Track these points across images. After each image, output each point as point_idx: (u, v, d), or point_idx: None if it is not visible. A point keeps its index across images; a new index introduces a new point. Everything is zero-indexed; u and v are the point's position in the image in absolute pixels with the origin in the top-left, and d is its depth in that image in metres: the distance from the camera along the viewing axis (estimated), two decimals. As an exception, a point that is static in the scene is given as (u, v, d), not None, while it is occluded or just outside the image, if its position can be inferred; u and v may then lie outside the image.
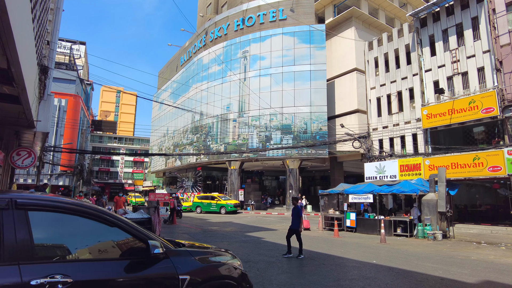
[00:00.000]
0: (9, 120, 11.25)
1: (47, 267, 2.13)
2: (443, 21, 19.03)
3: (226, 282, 3.09)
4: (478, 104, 16.37)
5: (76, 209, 2.45)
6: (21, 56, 6.39)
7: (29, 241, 2.13)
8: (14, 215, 2.14)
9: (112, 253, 2.66)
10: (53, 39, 12.63)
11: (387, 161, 19.88)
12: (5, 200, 2.18)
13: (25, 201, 2.24)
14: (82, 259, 2.42)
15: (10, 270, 1.97)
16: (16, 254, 2.04)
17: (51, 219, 2.40)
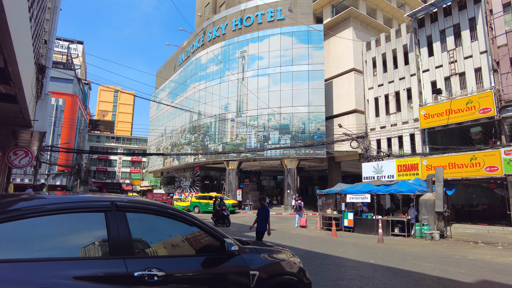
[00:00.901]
0: (6, 119, 11.19)
1: (145, 261, 2.43)
2: (441, 21, 19.09)
3: (288, 278, 3.30)
4: (475, 104, 16.43)
5: (162, 211, 2.74)
6: (18, 55, 6.36)
7: (129, 238, 2.41)
8: (116, 216, 2.42)
9: (191, 250, 2.89)
10: (50, 38, 12.57)
11: (384, 161, 19.93)
12: (108, 203, 2.46)
13: (123, 204, 2.54)
14: (170, 255, 2.72)
15: (118, 263, 2.26)
16: (120, 249, 2.33)
17: (143, 220, 2.68)
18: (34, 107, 11.47)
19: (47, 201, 2.41)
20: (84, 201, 2.52)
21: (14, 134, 13.40)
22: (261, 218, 8.23)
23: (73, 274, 2.07)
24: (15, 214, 2.12)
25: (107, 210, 2.42)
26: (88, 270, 2.16)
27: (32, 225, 2.16)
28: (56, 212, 2.26)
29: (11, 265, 1.95)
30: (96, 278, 2.14)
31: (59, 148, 29.99)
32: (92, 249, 2.38)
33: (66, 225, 2.34)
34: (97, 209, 2.44)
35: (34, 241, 2.18)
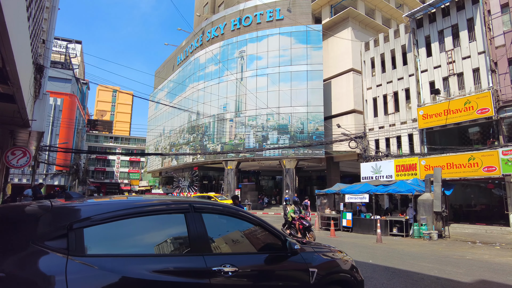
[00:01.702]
0: (4, 119, 11.15)
1: (220, 257, 2.65)
2: (439, 22, 19.14)
3: (343, 275, 3.47)
4: (473, 104, 16.49)
5: (231, 212, 3.00)
6: (16, 55, 6.33)
7: (206, 237, 2.67)
8: (194, 217, 2.67)
9: (255, 247, 3.08)
10: (48, 37, 12.53)
11: (383, 161, 19.97)
12: (187, 205, 2.73)
13: (199, 205, 2.79)
14: (239, 252, 2.95)
15: (198, 259, 2.50)
16: (199, 247, 2.57)
17: (215, 220, 2.94)
18: (32, 106, 11.42)
19: (141, 203, 2.69)
20: (168, 204, 2.80)
21: (11, 134, 13.34)
22: None
23: (162, 268, 2.33)
24: (117, 215, 2.38)
25: (186, 211, 2.68)
26: (174, 264, 2.44)
27: (128, 224, 2.45)
28: (148, 214, 2.55)
29: (116, 259, 2.21)
30: (181, 272, 2.41)
31: (57, 148, 29.90)
32: (175, 246, 2.68)
33: (155, 225, 2.64)
34: (178, 211, 2.70)
35: (129, 239, 2.50)
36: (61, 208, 2.37)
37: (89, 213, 2.32)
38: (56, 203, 2.42)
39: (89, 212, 2.33)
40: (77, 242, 2.12)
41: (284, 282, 2.97)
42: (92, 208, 2.46)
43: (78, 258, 2.05)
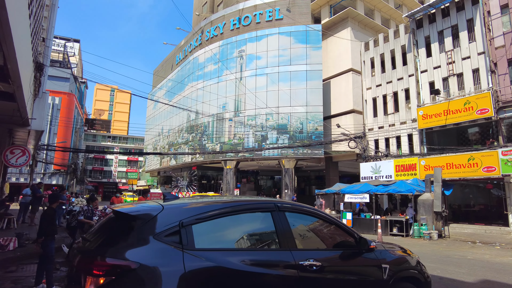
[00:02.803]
0: (3, 118, 11.07)
1: (304, 253, 2.86)
2: (439, 22, 19.19)
3: (412, 272, 3.59)
4: (473, 105, 16.54)
5: (308, 211, 3.24)
6: (18, 53, 6.28)
7: (291, 233, 2.89)
8: (279, 215, 2.90)
9: (330, 244, 3.26)
10: (48, 36, 12.46)
11: (382, 161, 20.00)
12: (272, 204, 2.96)
13: (282, 205, 3.02)
14: (319, 249, 3.17)
15: (287, 254, 2.74)
16: (287, 242, 2.81)
17: (296, 218, 3.14)
18: (31, 105, 11.35)
19: (235, 203, 2.93)
20: (256, 203, 3.10)
21: (10, 133, 13.25)
22: None
23: (257, 261, 2.59)
24: (217, 213, 2.68)
25: (272, 210, 2.91)
26: (266, 258, 2.68)
27: (225, 222, 2.73)
28: (241, 212, 2.84)
29: (218, 253, 2.48)
30: (272, 265, 2.64)
31: (55, 147, 29.77)
32: (265, 241, 2.92)
33: (247, 222, 2.93)
34: (266, 210, 2.95)
35: (226, 234, 2.77)
36: (171, 208, 2.65)
37: (195, 212, 2.60)
38: (166, 204, 2.70)
39: (195, 211, 2.61)
40: (188, 238, 2.42)
41: (360, 277, 3.16)
42: (196, 208, 2.72)
43: (190, 251, 2.36)
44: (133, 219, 2.46)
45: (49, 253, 5.29)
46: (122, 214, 2.61)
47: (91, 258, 2.27)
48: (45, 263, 5.23)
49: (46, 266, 5.21)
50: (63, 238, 9.88)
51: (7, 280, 5.86)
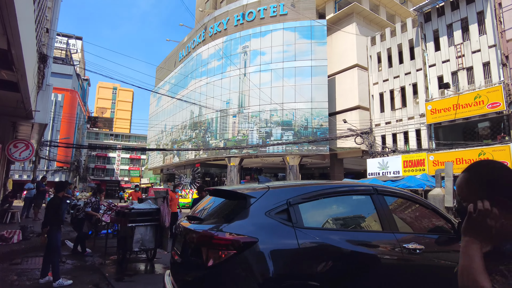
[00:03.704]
0: (6, 109, 10.85)
1: (406, 236, 2.89)
2: (448, 15, 18.83)
3: None
4: (483, 99, 16.20)
5: (406, 195, 3.27)
6: (23, 37, 6.04)
7: (391, 216, 2.93)
8: (379, 198, 2.95)
9: (426, 229, 3.29)
10: (52, 26, 12.22)
11: (390, 157, 19.70)
12: (371, 188, 3.05)
13: (381, 189, 3.09)
14: (419, 233, 3.14)
15: (390, 235, 2.79)
16: (389, 225, 2.85)
17: (393, 201, 3.19)
18: (35, 97, 11.12)
19: (335, 185, 3.03)
20: (355, 186, 3.23)
21: (14, 126, 13.04)
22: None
23: (362, 241, 2.66)
24: (318, 194, 2.77)
25: (371, 193, 2.97)
26: (371, 238, 2.76)
27: (326, 203, 2.83)
28: (341, 194, 2.94)
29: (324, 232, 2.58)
30: (378, 246, 2.70)
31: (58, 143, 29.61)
32: (367, 222, 2.99)
33: (347, 203, 3.00)
34: (365, 192, 3.02)
35: (327, 214, 2.88)
36: (276, 188, 2.77)
37: (299, 192, 2.71)
38: (270, 184, 2.82)
39: (299, 191, 2.71)
40: (297, 216, 2.53)
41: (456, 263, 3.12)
42: (299, 188, 2.82)
43: (300, 229, 2.47)
44: (244, 198, 2.61)
45: (54, 243, 5.05)
46: (233, 193, 2.83)
47: (212, 233, 2.41)
48: (51, 254, 5.00)
49: (52, 258, 4.97)
50: (68, 232, 9.66)
51: (12, 272, 5.63)
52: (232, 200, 2.78)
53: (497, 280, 0.93)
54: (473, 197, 1.09)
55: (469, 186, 1.15)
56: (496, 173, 1.12)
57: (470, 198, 1.11)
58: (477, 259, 1.01)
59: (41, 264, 5.39)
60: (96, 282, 5.21)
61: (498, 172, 1.12)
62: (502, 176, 1.10)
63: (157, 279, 5.44)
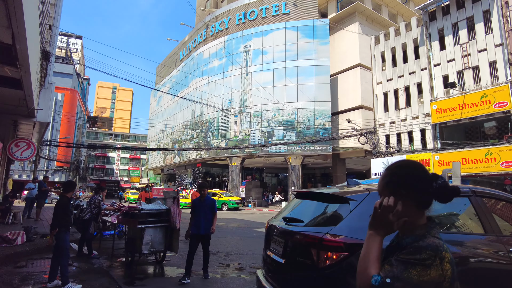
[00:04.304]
0: (8, 108, 10.62)
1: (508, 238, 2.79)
2: (453, 14, 18.67)
3: None
4: (490, 98, 16.05)
5: (505, 198, 3.14)
6: (28, 31, 5.83)
7: (493, 219, 2.82)
8: (477, 200, 2.86)
9: None
10: (55, 23, 11.99)
11: (394, 157, 19.51)
12: (468, 189, 2.95)
13: (478, 190, 3.02)
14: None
15: (493, 239, 2.71)
16: (491, 227, 2.75)
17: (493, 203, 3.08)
18: (38, 95, 10.90)
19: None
20: None
21: (15, 124, 12.80)
22: (200, 216, 5.39)
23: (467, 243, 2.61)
24: None
25: (469, 195, 2.88)
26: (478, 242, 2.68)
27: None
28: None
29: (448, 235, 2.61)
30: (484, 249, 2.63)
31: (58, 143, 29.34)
32: (468, 225, 2.89)
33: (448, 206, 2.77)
34: (464, 195, 2.89)
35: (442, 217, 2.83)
36: (376, 191, 2.63)
37: None
38: (368, 187, 2.80)
39: None
40: None
41: None
42: None
43: None
44: (346, 201, 2.62)
45: (63, 246, 4.84)
46: (334, 197, 2.85)
47: (321, 236, 2.46)
48: (59, 257, 4.78)
49: (60, 261, 4.76)
50: (72, 233, 9.43)
51: (17, 276, 5.41)
52: (331, 204, 2.85)
53: (385, 268, 1.01)
54: (386, 194, 1.15)
55: (384, 184, 1.20)
56: (405, 172, 1.18)
57: (384, 194, 1.17)
58: (374, 250, 1.08)
59: (47, 267, 5.17)
60: (106, 286, 5.00)
61: (407, 172, 1.18)
62: (410, 176, 1.16)
63: (169, 283, 5.23)
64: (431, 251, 1.00)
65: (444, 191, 1.13)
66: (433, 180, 1.15)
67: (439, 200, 1.14)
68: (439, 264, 0.99)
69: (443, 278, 0.98)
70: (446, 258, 1.00)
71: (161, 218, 5.93)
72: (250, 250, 8.18)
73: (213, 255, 7.38)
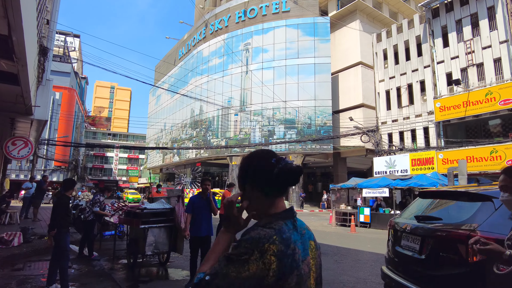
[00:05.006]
0: (5, 105, 10.30)
1: None
2: (457, 11, 18.46)
3: None
4: (495, 95, 15.84)
5: None
6: (25, 21, 5.53)
7: None
8: None
9: None
10: (52, 18, 11.67)
11: (397, 155, 19.30)
12: None
13: None
14: None
15: None
16: None
17: None
18: (35, 92, 10.58)
19: None
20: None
21: (12, 123, 12.48)
22: (201, 215, 4.79)
23: None
24: None
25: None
26: None
27: None
28: None
29: None
30: None
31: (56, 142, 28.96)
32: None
33: None
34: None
35: None
36: None
37: None
38: None
39: None
40: None
41: None
42: None
43: None
44: (489, 199, 2.71)
45: (63, 247, 4.56)
46: (476, 195, 2.91)
47: (469, 232, 2.57)
48: (58, 259, 4.51)
49: (60, 263, 4.48)
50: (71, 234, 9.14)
51: (14, 279, 5.13)
52: (466, 202, 2.96)
53: (219, 260, 0.97)
54: (240, 188, 1.14)
55: (237, 178, 1.17)
56: (246, 163, 1.14)
57: (239, 188, 1.15)
58: (216, 249, 1.06)
59: (45, 269, 4.90)
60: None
61: (248, 162, 1.13)
62: (250, 166, 1.12)
63: (175, 286, 4.96)
64: (249, 245, 0.93)
65: (286, 174, 1.08)
66: (275, 166, 1.09)
67: (284, 185, 1.09)
68: (258, 258, 0.91)
69: (266, 272, 0.91)
70: (270, 251, 0.92)
71: (165, 217, 5.67)
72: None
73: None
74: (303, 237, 1.08)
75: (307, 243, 1.09)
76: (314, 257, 1.10)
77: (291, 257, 0.96)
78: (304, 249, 1.05)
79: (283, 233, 0.99)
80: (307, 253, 1.06)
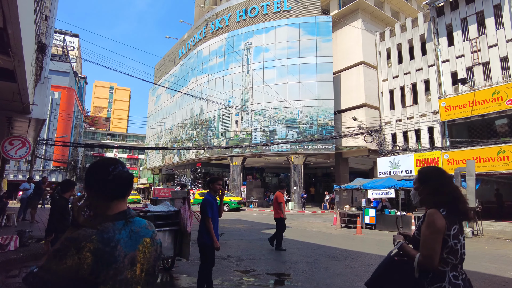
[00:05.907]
0: (1, 103, 9.99)
1: None
2: (462, 9, 18.19)
3: None
4: (502, 95, 15.57)
5: None
6: (21, 13, 5.22)
7: None
8: None
9: None
10: (51, 14, 11.36)
11: (401, 156, 19.01)
12: None
13: None
14: None
15: None
16: None
17: None
18: (33, 89, 10.26)
19: None
20: None
21: (9, 122, 12.15)
22: (216, 219, 4.36)
23: None
24: None
25: None
26: None
27: None
28: None
29: None
30: None
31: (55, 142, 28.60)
32: None
33: None
34: None
35: None
36: None
37: None
38: None
39: None
40: None
41: None
42: None
43: None
44: None
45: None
46: None
47: None
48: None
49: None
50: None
51: (9, 287, 4.81)
52: None
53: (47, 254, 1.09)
54: None
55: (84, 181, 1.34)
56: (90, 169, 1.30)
57: None
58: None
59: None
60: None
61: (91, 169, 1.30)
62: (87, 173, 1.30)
63: (181, 294, 4.65)
64: (68, 242, 1.07)
65: (118, 179, 1.22)
66: (110, 173, 1.22)
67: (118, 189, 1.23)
68: (75, 253, 1.05)
69: (81, 266, 1.05)
70: (86, 248, 1.07)
71: (170, 221, 5.36)
72: (263, 255, 7.61)
73: (224, 260, 6.81)
74: (136, 235, 1.21)
75: (140, 240, 1.22)
76: (145, 252, 1.22)
77: (108, 253, 1.10)
78: (132, 245, 1.18)
79: (105, 233, 1.13)
80: (135, 248, 1.19)
